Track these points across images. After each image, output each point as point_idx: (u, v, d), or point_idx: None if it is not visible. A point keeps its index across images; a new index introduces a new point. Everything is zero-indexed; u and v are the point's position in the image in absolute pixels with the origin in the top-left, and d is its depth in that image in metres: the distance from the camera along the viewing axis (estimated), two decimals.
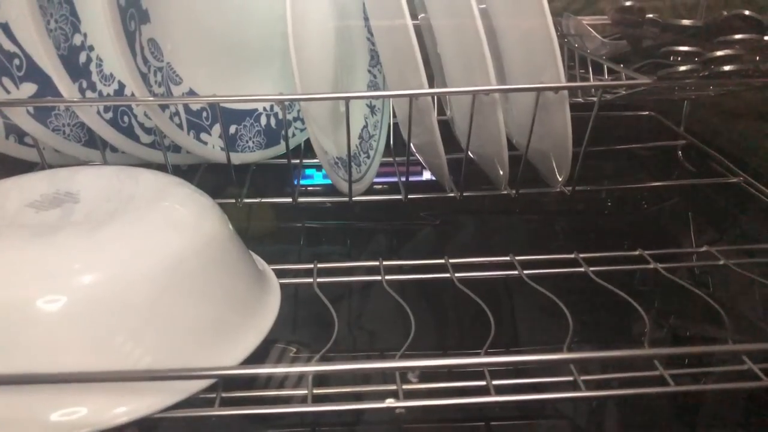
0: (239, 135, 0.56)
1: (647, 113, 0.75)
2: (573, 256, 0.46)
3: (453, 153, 0.53)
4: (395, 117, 0.63)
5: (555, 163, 0.52)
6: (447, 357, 0.39)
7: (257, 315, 0.38)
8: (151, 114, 0.46)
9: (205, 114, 0.53)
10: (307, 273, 0.44)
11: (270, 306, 0.40)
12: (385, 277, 0.44)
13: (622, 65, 0.52)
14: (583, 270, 0.44)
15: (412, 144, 0.53)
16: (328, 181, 0.54)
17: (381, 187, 0.63)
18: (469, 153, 0.51)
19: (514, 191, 0.54)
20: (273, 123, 0.60)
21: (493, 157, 0.51)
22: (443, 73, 0.54)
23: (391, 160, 0.63)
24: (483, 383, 0.34)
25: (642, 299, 0.40)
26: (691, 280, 0.48)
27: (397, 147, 0.65)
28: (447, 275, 0.44)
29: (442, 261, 0.45)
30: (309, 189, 0.64)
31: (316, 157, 0.50)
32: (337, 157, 0.55)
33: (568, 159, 0.49)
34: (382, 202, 0.58)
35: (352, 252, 0.54)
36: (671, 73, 0.51)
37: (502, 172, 0.51)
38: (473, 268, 0.45)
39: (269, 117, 0.60)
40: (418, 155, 0.59)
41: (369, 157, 0.61)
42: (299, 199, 0.54)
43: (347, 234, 0.57)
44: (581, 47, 0.60)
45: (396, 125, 0.64)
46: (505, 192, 0.54)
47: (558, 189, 0.54)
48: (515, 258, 0.45)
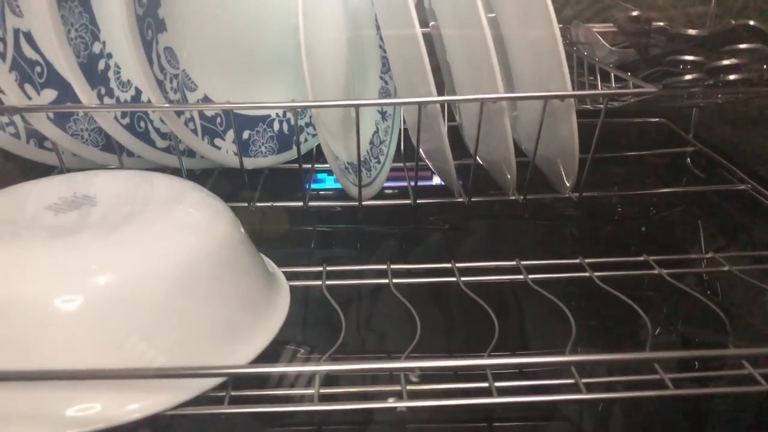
0: (252, 140, 0.57)
1: (657, 120, 0.75)
2: (578, 261, 0.46)
3: (462, 158, 0.54)
4: (406, 123, 0.64)
5: (562, 169, 0.52)
6: (451, 359, 0.40)
7: (267, 316, 0.39)
8: (167, 120, 0.47)
9: (219, 120, 0.54)
10: (317, 276, 0.45)
11: (279, 307, 0.40)
12: (393, 281, 0.44)
13: (629, 73, 0.53)
14: (588, 275, 0.45)
15: (421, 149, 0.54)
16: (339, 185, 0.55)
17: (391, 192, 0.63)
18: (478, 159, 0.52)
19: (522, 197, 0.54)
20: (285, 128, 0.61)
21: (501, 163, 0.51)
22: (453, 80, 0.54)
23: (402, 165, 0.64)
24: (486, 385, 0.34)
25: (646, 304, 0.41)
26: (699, 286, 0.48)
27: (408, 152, 0.65)
28: (453, 279, 0.45)
29: (448, 265, 0.46)
30: (320, 193, 0.64)
31: (327, 162, 0.51)
32: (348, 163, 0.56)
33: (575, 165, 0.50)
34: (391, 206, 0.58)
35: (361, 255, 0.55)
36: (677, 82, 0.52)
37: (510, 177, 0.52)
38: (479, 272, 0.45)
39: (282, 123, 0.61)
40: (427, 161, 0.60)
41: (379, 163, 0.62)
42: (310, 203, 0.55)
43: (357, 238, 0.57)
44: (590, 55, 0.60)
45: (406, 130, 0.64)
46: (513, 197, 0.55)
47: (566, 195, 0.55)
48: (521, 263, 0.46)
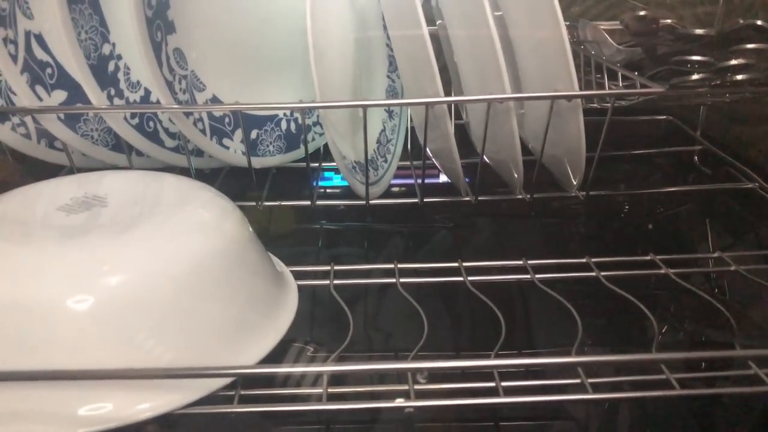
0: (260, 140, 0.58)
1: (664, 117, 0.75)
2: (585, 260, 0.46)
3: (469, 157, 0.54)
4: (413, 121, 0.64)
5: (569, 168, 0.52)
6: (458, 359, 0.40)
7: (275, 315, 0.39)
8: (176, 120, 0.48)
9: (228, 120, 0.54)
10: (324, 275, 0.45)
11: (288, 306, 0.41)
12: (400, 280, 0.44)
13: (636, 72, 0.53)
14: (595, 274, 0.45)
15: (428, 148, 0.54)
16: (346, 183, 0.55)
17: (398, 190, 0.64)
18: (485, 157, 0.52)
19: (528, 195, 0.54)
20: (293, 128, 0.61)
21: (508, 162, 0.51)
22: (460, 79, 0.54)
23: (408, 163, 0.64)
24: (492, 384, 0.35)
25: (653, 304, 0.41)
26: (706, 285, 0.48)
27: (415, 150, 0.65)
28: (460, 278, 0.45)
29: (455, 264, 0.46)
30: (327, 191, 0.64)
31: (334, 161, 0.51)
32: (355, 161, 0.56)
33: (581, 164, 0.50)
34: (398, 205, 0.58)
35: (368, 254, 0.55)
36: (685, 81, 0.52)
37: (516, 176, 0.52)
38: (486, 271, 0.46)
39: (289, 122, 0.61)
40: (434, 160, 0.60)
41: (386, 161, 0.62)
42: (317, 202, 0.55)
43: (364, 236, 0.57)
44: (597, 54, 0.60)
45: (413, 129, 0.64)
46: (520, 196, 0.55)
47: (573, 193, 0.55)
48: (528, 262, 0.46)
